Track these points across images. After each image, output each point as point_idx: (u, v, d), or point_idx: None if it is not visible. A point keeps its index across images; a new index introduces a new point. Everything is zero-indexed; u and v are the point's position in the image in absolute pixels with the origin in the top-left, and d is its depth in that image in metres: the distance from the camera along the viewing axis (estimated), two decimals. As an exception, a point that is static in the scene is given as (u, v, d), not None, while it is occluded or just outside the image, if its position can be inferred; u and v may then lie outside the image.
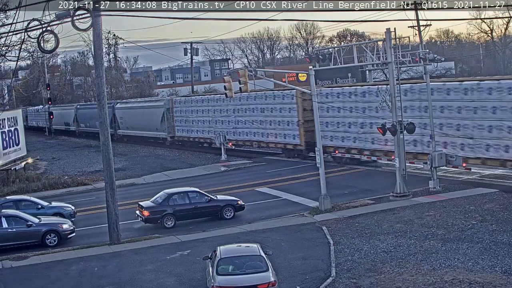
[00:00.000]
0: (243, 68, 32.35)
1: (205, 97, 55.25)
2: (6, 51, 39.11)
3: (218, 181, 38.69)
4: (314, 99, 28.37)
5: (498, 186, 29.14)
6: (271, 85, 53.02)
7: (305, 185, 34.13)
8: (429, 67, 32.15)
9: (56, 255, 23.64)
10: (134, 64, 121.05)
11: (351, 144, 37.98)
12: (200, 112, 53.71)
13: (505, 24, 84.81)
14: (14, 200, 29.55)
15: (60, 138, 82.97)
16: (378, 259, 20.02)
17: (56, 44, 24.27)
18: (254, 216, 28.17)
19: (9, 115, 45.87)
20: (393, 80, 28.65)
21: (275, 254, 20.24)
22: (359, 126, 37.08)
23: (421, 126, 30.56)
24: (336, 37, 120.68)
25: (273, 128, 44.97)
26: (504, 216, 23.72)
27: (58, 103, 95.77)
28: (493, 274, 17.72)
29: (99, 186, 37.29)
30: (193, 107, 54.90)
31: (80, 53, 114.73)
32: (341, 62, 31.50)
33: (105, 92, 25.07)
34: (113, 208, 24.80)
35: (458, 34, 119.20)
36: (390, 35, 28.28)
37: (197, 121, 54.26)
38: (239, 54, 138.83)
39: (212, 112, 51.80)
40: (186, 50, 76.35)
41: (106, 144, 24.94)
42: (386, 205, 27.52)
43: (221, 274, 16.82)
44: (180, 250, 22.86)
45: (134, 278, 20.12)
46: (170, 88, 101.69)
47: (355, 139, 37.59)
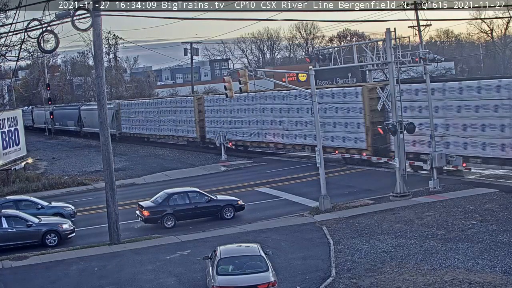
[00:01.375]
0: (243, 68, 32.37)
1: (140, 101, 66.88)
2: (6, 51, 39.09)
3: (218, 181, 38.69)
4: (314, 99, 28.39)
5: (498, 186, 29.14)
6: (271, 85, 53.01)
7: (305, 185, 34.13)
8: (429, 67, 32.18)
9: (56, 255, 23.64)
10: (134, 64, 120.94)
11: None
12: (137, 113, 65.13)
13: (505, 24, 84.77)
14: (14, 200, 29.53)
15: (60, 138, 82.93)
16: (378, 259, 20.02)
17: (56, 44, 24.27)
18: (254, 216, 28.17)
19: (9, 115, 45.87)
20: (393, 80, 28.67)
21: (275, 254, 20.24)
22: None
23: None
24: (336, 37, 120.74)
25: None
26: (504, 216, 23.72)
27: (58, 103, 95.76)
28: (493, 274, 17.73)
29: (99, 186, 37.29)
30: (133, 110, 66.36)
31: (80, 53, 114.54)
32: (341, 62, 31.52)
33: (105, 92, 25.07)
34: (113, 208, 24.80)
35: (458, 34, 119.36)
36: (390, 35, 28.29)
37: (136, 120, 65.39)
38: (239, 54, 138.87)
39: (145, 113, 63.27)
40: (186, 50, 76.36)
41: (106, 144, 24.94)
42: (386, 205, 27.53)
43: (221, 274, 16.82)
44: (180, 250, 22.86)
45: (134, 278, 20.12)
46: (170, 88, 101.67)
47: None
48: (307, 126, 40.80)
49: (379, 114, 34.85)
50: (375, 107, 33.76)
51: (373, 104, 34.77)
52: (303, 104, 40.41)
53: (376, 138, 35.54)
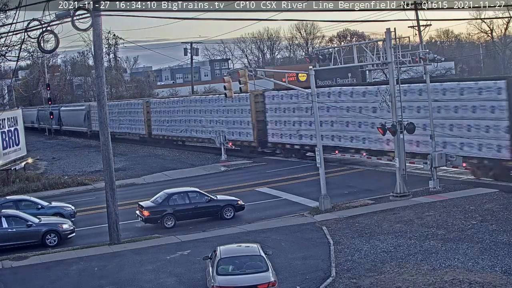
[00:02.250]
0: (243, 68, 32.36)
1: (109, 103, 71.92)
2: (6, 51, 39.09)
3: (218, 181, 38.69)
4: (314, 99, 28.38)
5: (498, 186, 29.12)
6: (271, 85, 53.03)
7: (305, 185, 34.13)
8: (429, 67, 32.19)
9: (56, 255, 23.64)
10: (134, 64, 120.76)
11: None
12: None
13: (505, 24, 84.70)
14: (14, 200, 29.54)
15: (60, 138, 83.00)
16: (378, 259, 20.02)
17: (56, 44, 24.27)
18: (254, 216, 28.17)
19: (9, 115, 45.86)
20: (393, 80, 28.66)
21: (275, 254, 20.24)
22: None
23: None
24: (336, 37, 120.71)
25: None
26: (504, 216, 23.72)
27: (58, 103, 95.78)
28: (493, 274, 17.73)
29: (99, 186, 37.29)
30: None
31: (80, 53, 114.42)
32: (341, 62, 31.47)
33: (105, 92, 25.08)
34: (113, 208, 24.80)
35: (458, 34, 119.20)
36: (390, 35, 28.29)
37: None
38: (239, 54, 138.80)
39: (109, 114, 68.65)
40: (186, 50, 76.39)
41: (106, 144, 24.94)
42: (386, 205, 27.53)
43: (221, 274, 16.83)
44: (180, 250, 22.86)
45: (134, 278, 20.12)
46: (170, 88, 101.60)
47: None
48: (210, 124, 52.10)
49: (262, 114, 46.15)
50: (260, 109, 46.15)
51: (258, 107, 46.45)
52: (214, 106, 51.46)
53: (260, 132, 46.45)
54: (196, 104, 54.82)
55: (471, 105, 30.29)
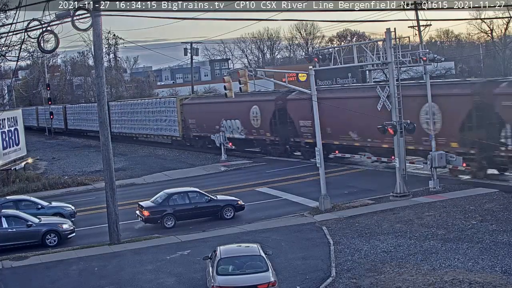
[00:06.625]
0: (243, 68, 32.35)
1: (76, 105, 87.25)
2: (6, 51, 39.09)
3: (218, 181, 38.70)
4: (314, 99, 28.37)
5: (498, 186, 29.15)
6: (271, 85, 53.00)
7: (305, 185, 34.13)
8: (429, 67, 32.18)
9: (56, 255, 23.64)
10: (134, 64, 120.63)
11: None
12: (76, 114, 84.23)
13: (505, 24, 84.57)
14: (14, 200, 29.53)
15: (60, 138, 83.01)
16: (378, 259, 20.02)
17: (56, 44, 24.24)
18: (254, 216, 28.17)
19: (9, 115, 45.86)
20: (393, 80, 28.67)
21: (275, 254, 20.24)
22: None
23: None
24: (336, 37, 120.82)
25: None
26: (504, 216, 23.73)
27: (58, 103, 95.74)
28: (493, 274, 17.73)
29: (99, 186, 37.28)
30: (74, 111, 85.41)
31: (80, 53, 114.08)
32: (341, 62, 31.46)
33: (105, 92, 25.07)
34: (113, 208, 24.80)
35: (458, 34, 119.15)
36: (390, 35, 28.29)
37: (77, 119, 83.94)
38: (239, 54, 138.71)
39: (79, 114, 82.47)
40: (186, 50, 76.27)
41: (106, 144, 24.94)
42: (386, 205, 27.53)
43: (221, 274, 16.83)
44: (180, 250, 22.86)
45: (134, 278, 20.12)
46: (170, 88, 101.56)
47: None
48: (149, 123, 62.99)
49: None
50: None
51: (182, 109, 57.09)
52: (148, 109, 62.80)
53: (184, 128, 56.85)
54: (142, 106, 65.50)
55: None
